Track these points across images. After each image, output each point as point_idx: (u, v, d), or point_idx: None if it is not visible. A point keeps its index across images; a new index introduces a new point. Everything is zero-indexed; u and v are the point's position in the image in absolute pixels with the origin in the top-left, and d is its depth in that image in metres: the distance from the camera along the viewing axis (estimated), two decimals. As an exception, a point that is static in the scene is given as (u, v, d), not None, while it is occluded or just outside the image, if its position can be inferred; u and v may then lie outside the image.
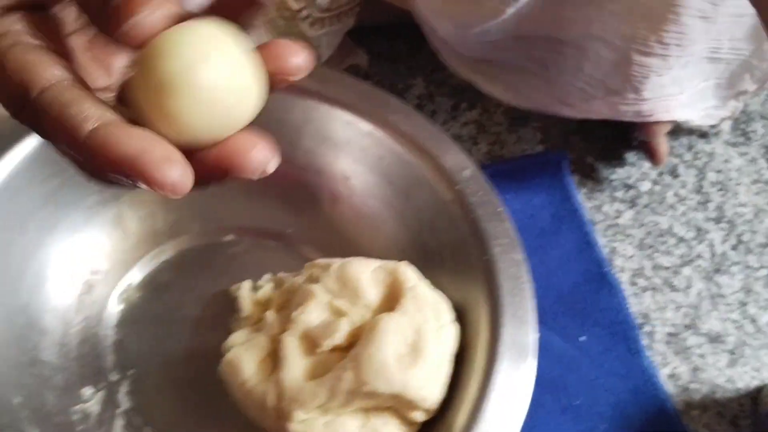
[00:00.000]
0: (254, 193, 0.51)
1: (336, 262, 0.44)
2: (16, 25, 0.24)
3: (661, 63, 0.47)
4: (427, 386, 0.40)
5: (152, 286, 0.47)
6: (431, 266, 0.46)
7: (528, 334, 0.41)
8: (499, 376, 0.39)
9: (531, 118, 0.60)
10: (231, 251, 0.50)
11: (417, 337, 0.41)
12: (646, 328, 0.53)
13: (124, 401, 0.44)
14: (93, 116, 0.22)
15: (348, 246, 0.49)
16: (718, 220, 0.58)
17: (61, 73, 0.23)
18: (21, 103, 0.23)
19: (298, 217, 0.51)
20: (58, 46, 0.25)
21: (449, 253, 0.46)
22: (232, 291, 0.47)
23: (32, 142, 0.43)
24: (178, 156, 0.22)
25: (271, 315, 0.44)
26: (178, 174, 0.22)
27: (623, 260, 0.56)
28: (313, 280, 0.45)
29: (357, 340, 0.40)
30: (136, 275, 0.47)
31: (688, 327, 0.54)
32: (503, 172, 0.56)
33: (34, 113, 0.23)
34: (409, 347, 0.40)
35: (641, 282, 0.55)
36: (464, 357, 0.42)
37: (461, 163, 0.47)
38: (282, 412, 0.39)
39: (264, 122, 0.48)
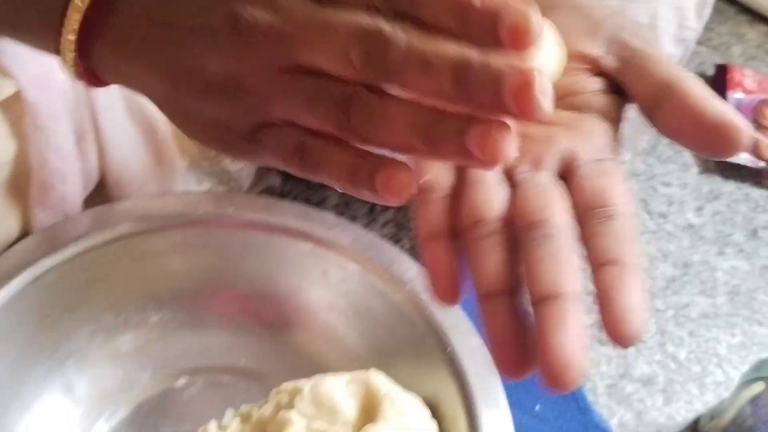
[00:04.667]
0: (198, 330, 0.50)
1: (305, 384, 0.44)
2: None
3: None
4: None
5: (113, 450, 0.45)
6: (395, 369, 0.47)
7: (504, 417, 0.44)
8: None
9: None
10: (186, 395, 0.48)
11: (405, 442, 0.42)
12: (588, 385, 0.57)
13: None
14: None
15: (305, 366, 0.49)
16: (621, 273, 0.64)
17: None
18: None
19: (249, 345, 0.50)
20: None
21: (412, 351, 0.47)
22: (200, 436, 0.46)
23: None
24: None
25: (251, 453, 0.43)
26: None
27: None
28: (283, 406, 0.45)
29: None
30: (93, 443, 0.45)
31: (622, 376, 0.58)
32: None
33: None
34: (402, 454, 0.41)
35: (573, 343, 0.59)
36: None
37: (404, 264, 0.49)
38: None
39: (205, 254, 0.49)
